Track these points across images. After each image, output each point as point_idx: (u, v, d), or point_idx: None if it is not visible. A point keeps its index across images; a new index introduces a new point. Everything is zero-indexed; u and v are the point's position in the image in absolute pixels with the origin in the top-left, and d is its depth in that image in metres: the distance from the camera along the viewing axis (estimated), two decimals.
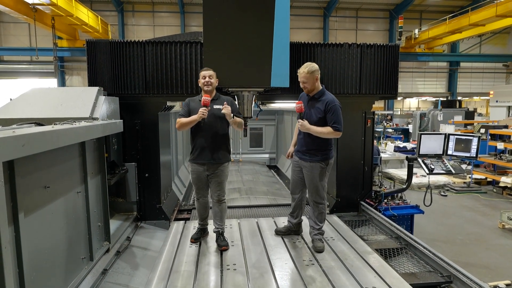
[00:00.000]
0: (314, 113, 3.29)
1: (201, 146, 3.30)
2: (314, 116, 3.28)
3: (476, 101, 26.57)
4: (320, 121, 3.25)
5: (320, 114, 3.26)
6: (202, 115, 3.10)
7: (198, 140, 3.32)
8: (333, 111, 3.22)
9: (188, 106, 3.33)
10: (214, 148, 3.31)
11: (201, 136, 3.29)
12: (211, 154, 3.30)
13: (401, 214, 5.01)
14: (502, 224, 6.42)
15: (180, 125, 3.27)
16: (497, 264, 5.09)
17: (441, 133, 5.00)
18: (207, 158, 3.31)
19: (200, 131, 3.27)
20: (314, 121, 3.26)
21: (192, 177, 3.44)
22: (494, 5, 15.40)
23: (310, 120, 3.27)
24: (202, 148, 3.30)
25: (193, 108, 3.28)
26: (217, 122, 3.29)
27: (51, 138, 1.87)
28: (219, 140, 3.34)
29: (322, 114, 3.25)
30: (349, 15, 23.32)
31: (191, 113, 3.27)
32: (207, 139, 3.29)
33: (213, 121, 3.26)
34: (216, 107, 3.26)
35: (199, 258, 3.14)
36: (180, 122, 3.26)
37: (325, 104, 3.24)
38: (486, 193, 8.95)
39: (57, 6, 13.41)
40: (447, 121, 14.25)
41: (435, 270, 3.07)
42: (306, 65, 3.28)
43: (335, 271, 2.86)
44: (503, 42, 24.06)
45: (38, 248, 2.13)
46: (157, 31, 21.55)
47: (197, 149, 3.33)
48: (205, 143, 3.29)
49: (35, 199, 2.10)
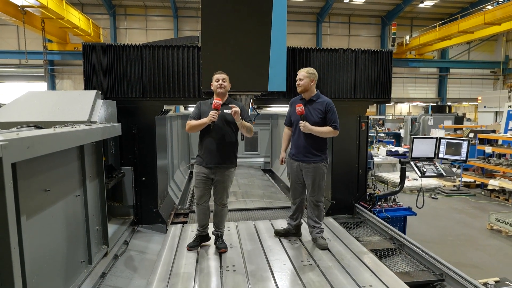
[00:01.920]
0: (315, 114, 3.43)
1: (209, 149, 3.26)
2: (315, 117, 3.42)
3: (465, 107, 27.11)
4: (321, 121, 3.42)
5: (321, 115, 3.42)
6: (212, 118, 3.08)
7: (206, 143, 3.27)
8: (332, 111, 3.44)
9: (199, 108, 3.31)
10: (222, 152, 3.26)
11: (210, 139, 3.25)
12: (219, 158, 3.26)
13: (394, 216, 5.10)
14: (490, 226, 6.57)
15: (190, 127, 3.24)
16: (486, 264, 5.21)
17: (432, 137, 5.12)
18: (214, 162, 3.26)
19: (209, 134, 3.24)
20: (315, 122, 3.40)
21: (197, 179, 3.32)
22: (483, 13, 15.82)
23: (311, 121, 3.40)
24: (210, 152, 3.26)
25: (204, 111, 3.25)
26: (226, 126, 3.26)
27: (54, 140, 1.89)
28: (227, 145, 3.29)
29: (323, 114, 3.42)
30: (341, 21, 23.66)
31: (202, 115, 3.25)
32: (216, 142, 3.24)
33: (222, 125, 3.23)
34: (226, 112, 3.23)
35: (198, 260, 3.15)
36: (190, 124, 3.24)
37: (325, 105, 3.45)
38: (475, 196, 9.14)
39: (47, 8, 13.26)
40: (437, 125, 14.53)
41: (428, 269, 3.15)
42: (307, 68, 3.55)
43: (333, 271, 2.91)
44: (491, 49, 24.66)
45: (39, 252, 2.13)
46: (150, 35, 21.53)
47: (205, 152, 3.29)
48: (213, 147, 3.24)
49: (37, 202, 2.10)
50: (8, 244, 1.25)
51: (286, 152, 3.74)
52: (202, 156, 3.30)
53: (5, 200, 1.22)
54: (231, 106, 3.15)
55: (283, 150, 3.78)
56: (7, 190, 1.24)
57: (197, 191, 3.35)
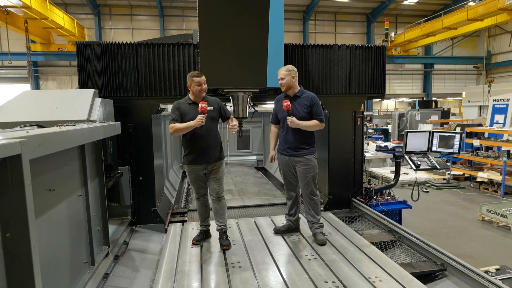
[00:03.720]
0: (301, 110, 3.50)
1: (198, 149, 3.33)
2: (301, 112, 3.49)
3: (449, 102, 27.71)
4: (307, 115, 3.50)
5: (307, 109, 3.50)
6: (201, 122, 3.13)
7: (194, 142, 3.32)
8: (317, 105, 3.54)
9: (179, 110, 3.30)
10: (212, 148, 3.37)
11: (198, 139, 3.31)
12: (209, 154, 3.36)
13: (390, 209, 5.17)
14: (482, 217, 6.74)
15: (175, 130, 3.25)
16: (480, 254, 5.35)
17: (426, 130, 5.22)
18: (205, 158, 3.35)
19: (197, 135, 3.29)
20: (301, 117, 3.48)
21: (191, 177, 3.45)
22: (465, 10, 16.20)
23: (298, 116, 3.47)
24: (200, 149, 3.33)
25: (185, 112, 3.28)
26: (212, 124, 3.36)
27: (63, 138, 1.85)
28: (215, 141, 3.41)
29: (309, 109, 3.50)
30: (327, 18, 23.85)
31: (183, 117, 3.27)
32: (205, 142, 3.32)
33: (208, 123, 3.29)
34: (208, 109, 3.27)
35: (202, 257, 3.14)
36: (175, 127, 3.23)
37: (310, 99, 3.53)
38: (464, 188, 9.36)
39: (31, 8, 12.96)
40: (424, 120, 14.81)
41: (429, 260, 3.22)
42: (286, 66, 3.64)
43: (338, 263, 2.95)
44: (473, 45, 25.28)
45: (46, 252, 2.09)
46: (136, 35, 21.24)
47: (194, 150, 3.34)
48: (203, 146, 3.33)
49: (42, 202, 2.06)
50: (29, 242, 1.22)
51: (276, 150, 3.80)
52: (192, 155, 3.36)
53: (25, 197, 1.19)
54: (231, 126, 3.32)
55: (272, 148, 3.88)
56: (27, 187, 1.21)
57: (195, 187, 3.50)
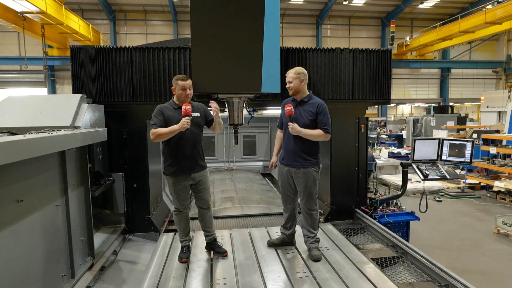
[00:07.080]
0: (305, 116, 3.23)
1: (183, 156, 3.12)
2: (305, 119, 3.22)
3: (467, 107, 26.86)
4: (311, 123, 3.22)
5: (312, 117, 3.22)
6: (187, 125, 2.94)
7: (178, 149, 3.11)
8: (324, 113, 3.22)
9: (163, 115, 3.10)
10: (196, 156, 3.20)
11: (182, 146, 3.11)
12: (195, 162, 3.18)
13: (396, 221, 4.91)
14: (497, 229, 6.36)
15: (157, 136, 3.01)
16: (494, 270, 5.01)
17: (435, 138, 4.94)
18: (191, 167, 3.17)
19: (180, 140, 3.08)
20: (305, 124, 3.21)
21: (176, 188, 3.18)
22: (483, 13, 15.65)
23: (301, 123, 3.21)
24: (185, 158, 3.13)
25: (170, 117, 3.08)
26: (196, 129, 3.18)
27: (22, 147, 1.74)
28: (199, 148, 3.23)
29: (314, 116, 3.22)
30: (341, 22, 23.55)
31: (167, 123, 3.06)
32: (189, 148, 3.13)
33: (194, 129, 3.12)
34: (194, 115, 3.11)
35: (188, 273, 2.98)
36: (157, 133, 2.99)
37: (316, 106, 3.23)
38: (480, 198, 8.92)
39: (47, 14, 13.24)
40: (440, 126, 14.32)
41: (433, 280, 2.96)
42: (295, 68, 3.35)
43: (330, 283, 2.73)
44: (492, 49, 24.46)
45: (11, 266, 1.98)
46: (150, 40, 21.49)
47: (178, 160, 3.12)
48: (187, 152, 3.13)
49: (7, 214, 1.95)
50: None
51: (278, 157, 3.56)
52: (176, 164, 3.14)
53: None
54: (210, 103, 3.17)
55: (274, 154, 3.60)
56: None
57: (179, 200, 3.25)
